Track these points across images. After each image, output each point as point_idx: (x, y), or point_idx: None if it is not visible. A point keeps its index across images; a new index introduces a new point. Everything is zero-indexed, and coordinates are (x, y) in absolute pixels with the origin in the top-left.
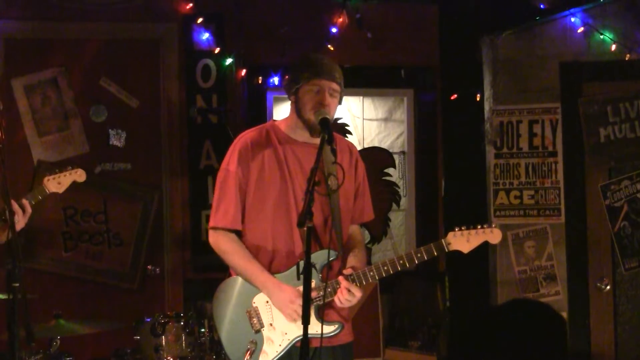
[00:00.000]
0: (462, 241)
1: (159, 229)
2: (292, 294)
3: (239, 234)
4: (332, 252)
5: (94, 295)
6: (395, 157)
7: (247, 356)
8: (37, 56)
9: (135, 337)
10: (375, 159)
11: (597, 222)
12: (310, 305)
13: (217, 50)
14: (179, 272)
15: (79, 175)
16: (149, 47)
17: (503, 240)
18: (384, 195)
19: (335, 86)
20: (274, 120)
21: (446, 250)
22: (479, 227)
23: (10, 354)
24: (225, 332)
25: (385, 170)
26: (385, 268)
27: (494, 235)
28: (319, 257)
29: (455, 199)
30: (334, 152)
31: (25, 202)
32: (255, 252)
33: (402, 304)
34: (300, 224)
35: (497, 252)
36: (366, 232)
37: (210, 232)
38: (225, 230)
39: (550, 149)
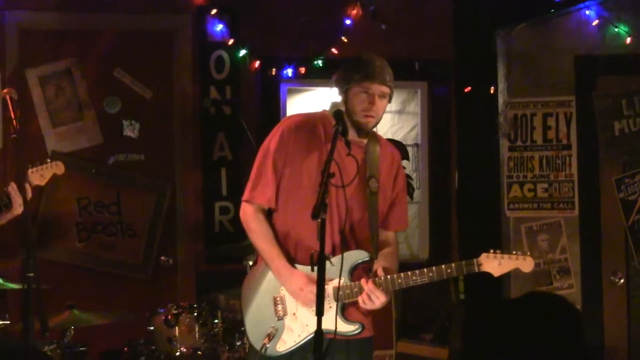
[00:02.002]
0: (494, 264)
1: (172, 220)
2: (301, 280)
3: (269, 216)
4: (364, 254)
5: (108, 286)
6: (409, 149)
7: (266, 340)
8: (52, 47)
9: (148, 328)
10: None
11: (610, 216)
12: (337, 303)
13: (230, 41)
14: (192, 263)
15: (59, 168)
16: (163, 38)
17: (516, 233)
18: None
19: (385, 89)
20: (326, 111)
21: (476, 270)
22: (513, 253)
23: (25, 344)
24: (250, 313)
25: None
26: (414, 278)
27: (526, 263)
28: (352, 256)
29: (468, 192)
30: (347, 144)
31: (27, 186)
32: (280, 238)
33: (414, 297)
34: (314, 216)
35: (511, 245)
36: None
37: (243, 205)
38: (258, 207)
39: (565, 142)
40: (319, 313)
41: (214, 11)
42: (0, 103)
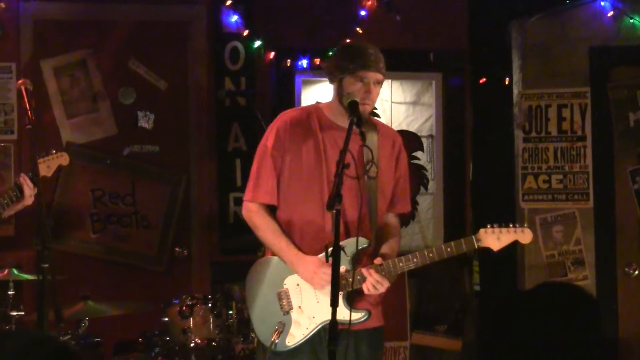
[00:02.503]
0: (492, 239)
1: (187, 211)
2: (314, 263)
3: (272, 211)
4: (363, 240)
5: (122, 277)
6: (424, 140)
7: (275, 336)
8: (66, 38)
9: (163, 319)
10: (403, 142)
11: (625, 207)
12: (341, 291)
13: (245, 32)
14: (207, 254)
15: (64, 159)
16: (177, 29)
17: (531, 225)
18: (412, 178)
19: (380, 77)
20: (319, 103)
21: (476, 247)
22: (510, 225)
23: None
24: (256, 311)
25: (414, 154)
26: (415, 260)
27: (525, 235)
28: (351, 244)
29: (483, 183)
30: (362, 135)
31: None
32: (284, 231)
33: (428, 288)
34: (329, 207)
35: None
36: None
37: (244, 204)
38: (260, 204)
39: (579, 133)
40: (334, 304)
41: (228, 2)
42: (15, 94)
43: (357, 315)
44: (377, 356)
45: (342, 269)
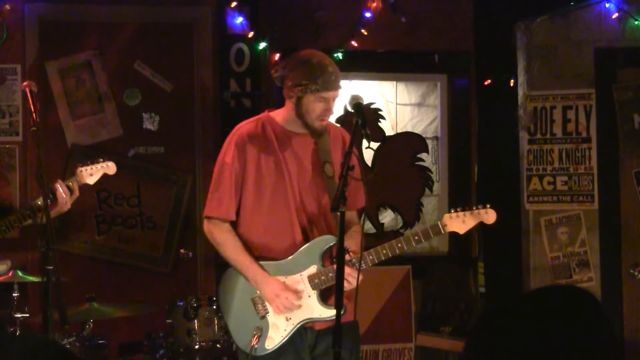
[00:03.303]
0: (457, 222)
1: (192, 212)
2: (277, 286)
3: (233, 225)
4: (331, 237)
5: (127, 279)
6: (429, 142)
7: (254, 341)
8: (72, 39)
9: (167, 321)
10: (408, 144)
11: (630, 209)
12: (314, 290)
13: (250, 34)
14: (212, 256)
15: (110, 168)
16: (183, 30)
17: (536, 226)
18: (417, 180)
19: (338, 92)
20: (269, 111)
21: (442, 232)
22: (474, 208)
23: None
24: (232, 319)
25: (419, 156)
26: (384, 252)
27: (488, 216)
28: (320, 242)
29: (487, 185)
30: (368, 137)
31: (74, 184)
32: (252, 242)
33: (434, 290)
34: (333, 209)
35: (530, 238)
36: (399, 217)
37: (205, 221)
38: (219, 220)
39: (584, 135)
40: (338, 307)
41: (234, 4)
42: (20, 96)
43: (332, 312)
44: (358, 348)
45: (314, 268)
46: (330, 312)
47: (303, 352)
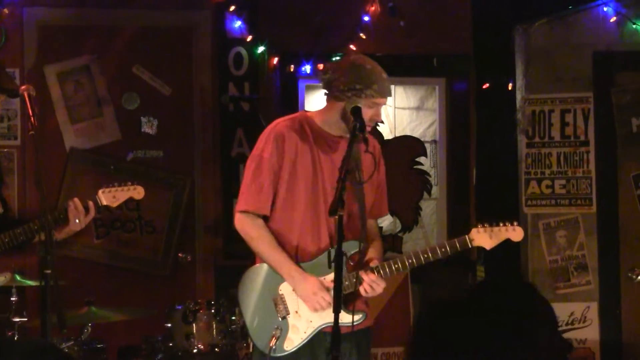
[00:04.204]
0: (484, 237)
1: (191, 216)
2: (315, 285)
3: (265, 220)
4: (355, 243)
5: (126, 283)
6: (427, 146)
7: (273, 342)
8: (70, 43)
9: (166, 325)
10: (407, 147)
11: (628, 212)
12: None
13: (249, 38)
14: (211, 259)
15: (138, 193)
16: (181, 34)
17: (534, 230)
18: (415, 184)
19: (387, 101)
20: (306, 111)
21: (469, 247)
22: (501, 224)
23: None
24: (252, 318)
25: (417, 159)
26: (410, 261)
27: (516, 233)
28: (346, 248)
29: (486, 188)
30: (366, 141)
31: (91, 203)
32: (280, 240)
33: (432, 294)
34: (332, 212)
35: (529, 241)
36: (397, 221)
37: (238, 216)
38: (253, 215)
39: (582, 138)
40: (337, 309)
41: (232, 8)
42: (18, 100)
43: (356, 317)
44: (370, 353)
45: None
46: (350, 318)
47: (320, 356)
